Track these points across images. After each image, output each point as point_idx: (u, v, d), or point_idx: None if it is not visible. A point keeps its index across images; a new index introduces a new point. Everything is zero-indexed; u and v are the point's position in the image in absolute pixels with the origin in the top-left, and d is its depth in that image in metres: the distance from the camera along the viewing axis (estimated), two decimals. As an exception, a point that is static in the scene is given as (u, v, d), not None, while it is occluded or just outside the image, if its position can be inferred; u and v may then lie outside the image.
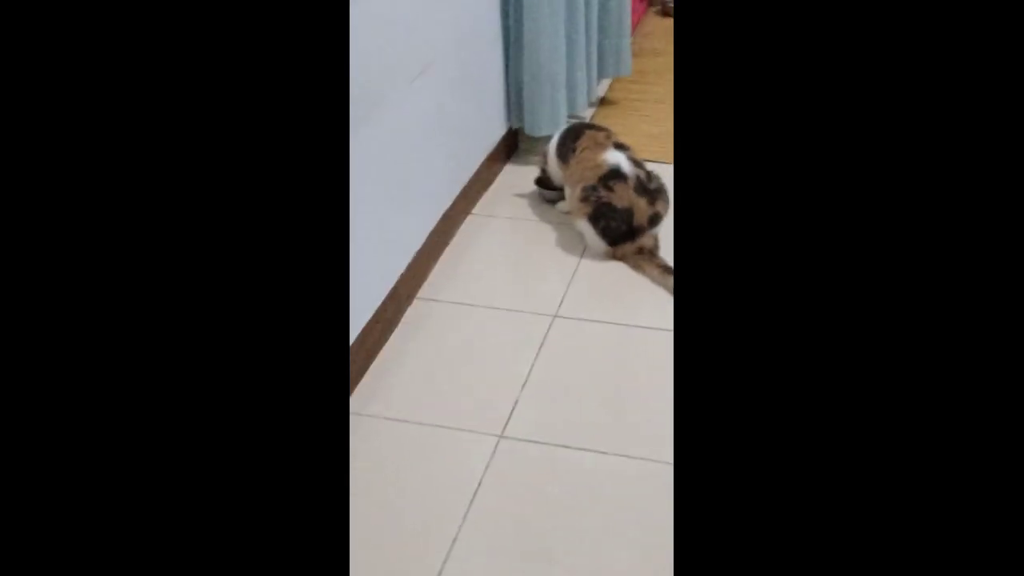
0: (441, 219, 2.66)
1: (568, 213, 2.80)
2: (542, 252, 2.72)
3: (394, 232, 2.36)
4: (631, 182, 2.58)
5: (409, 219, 2.46)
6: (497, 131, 3.10)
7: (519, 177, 3.12)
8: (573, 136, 2.77)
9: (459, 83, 2.70)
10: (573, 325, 2.40)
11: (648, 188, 2.61)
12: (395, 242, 2.38)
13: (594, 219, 2.61)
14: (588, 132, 2.75)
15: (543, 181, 2.97)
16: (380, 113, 2.19)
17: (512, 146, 3.27)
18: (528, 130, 3.12)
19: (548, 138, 2.94)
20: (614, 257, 2.64)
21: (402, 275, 2.41)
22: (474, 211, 2.92)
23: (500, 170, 3.16)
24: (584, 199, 2.62)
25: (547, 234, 2.80)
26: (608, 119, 3.49)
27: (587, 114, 3.38)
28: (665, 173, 2.77)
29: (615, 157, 2.64)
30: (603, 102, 3.64)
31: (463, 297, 2.52)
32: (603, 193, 2.59)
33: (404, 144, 2.36)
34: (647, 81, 3.83)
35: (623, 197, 2.57)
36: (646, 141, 3.31)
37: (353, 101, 1.98)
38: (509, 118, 3.17)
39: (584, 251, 2.69)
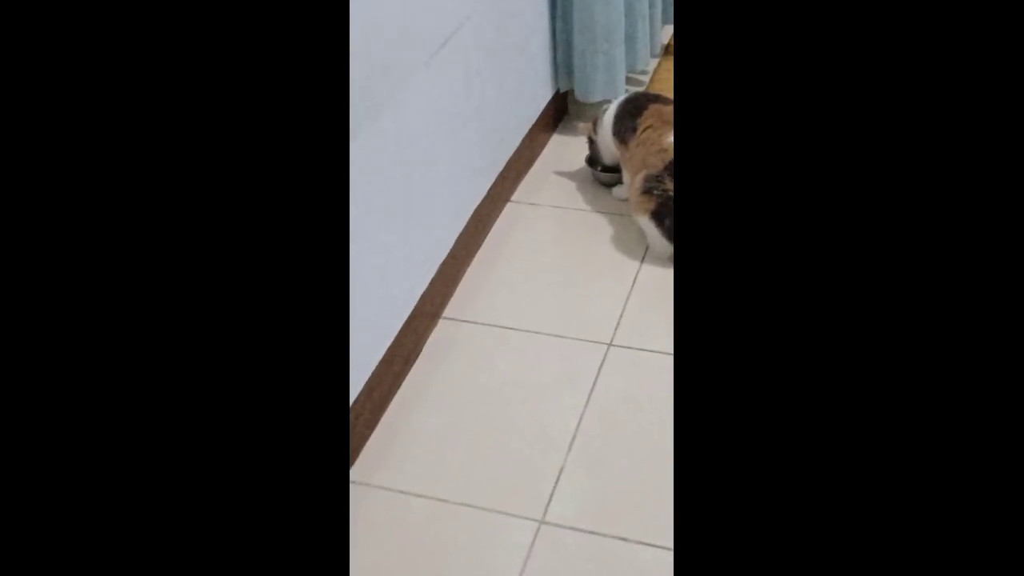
0: (472, 217, 2.20)
1: (626, 201, 2.31)
2: (594, 254, 2.25)
3: (411, 247, 1.91)
4: (705, 171, 2.08)
5: (430, 229, 2.01)
6: (542, 96, 2.60)
7: (568, 150, 2.63)
8: (633, 110, 2.26)
9: (493, 47, 2.20)
10: (632, 358, 1.95)
11: (726, 177, 2.11)
12: (412, 258, 1.93)
13: (658, 217, 2.13)
14: (652, 106, 2.24)
15: (595, 159, 2.48)
16: (390, 104, 1.72)
17: (560, 113, 2.77)
18: (580, 95, 2.62)
19: (601, 105, 2.45)
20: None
21: (423, 294, 1.97)
22: (513, 198, 2.45)
23: (545, 142, 2.67)
24: (647, 191, 2.13)
25: (600, 229, 2.33)
26: (672, 74, 2.97)
27: (649, 67, 2.85)
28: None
29: (685, 139, 2.13)
30: (668, 51, 3.10)
31: (496, 317, 2.07)
32: (669, 185, 2.10)
33: (419, 138, 1.89)
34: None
35: (694, 190, 2.08)
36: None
37: (354, 96, 1.52)
38: (556, 80, 2.67)
39: (646, 253, 2.22)
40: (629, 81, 2.70)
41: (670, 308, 2.04)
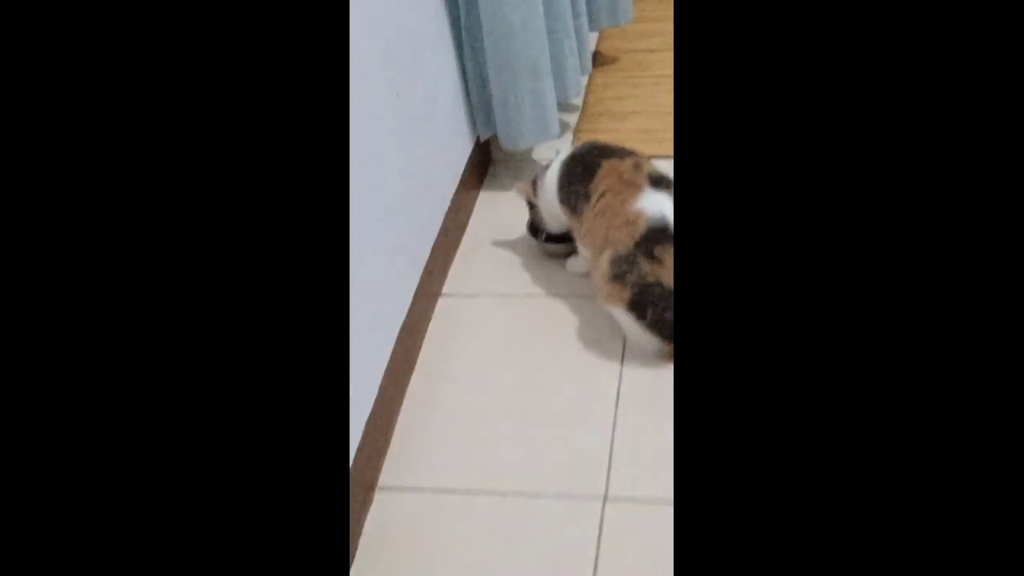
0: (399, 335, 1.69)
1: (586, 276, 1.83)
2: (558, 357, 1.76)
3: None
4: (688, 243, 1.60)
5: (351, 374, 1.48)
6: (460, 152, 2.09)
7: (500, 211, 2.14)
8: (582, 172, 1.77)
9: (391, 105, 1.68)
10: (639, 517, 1.46)
11: (715, 246, 1.62)
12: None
13: (638, 308, 1.64)
14: (606, 164, 1.75)
15: (538, 227, 1.98)
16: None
17: (483, 165, 2.26)
18: (505, 143, 2.12)
19: (532, 151, 1.95)
20: (670, 357, 1.68)
21: (352, 464, 1.46)
22: (445, 290, 1.95)
23: (472, 206, 2.17)
24: (617, 278, 1.64)
25: (560, 320, 1.84)
26: (608, 88, 2.48)
27: (582, 89, 2.36)
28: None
29: (656, 203, 1.65)
30: (595, 59, 2.61)
31: (444, 479, 1.57)
32: (646, 267, 1.61)
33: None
34: (655, 17, 2.78)
35: (671, 267, 1.60)
36: (670, 120, 2.31)
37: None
38: (474, 128, 2.16)
39: (626, 346, 1.74)
40: (561, 108, 2.20)
41: (673, 422, 1.56)
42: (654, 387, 1.66)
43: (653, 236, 1.62)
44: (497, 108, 2.06)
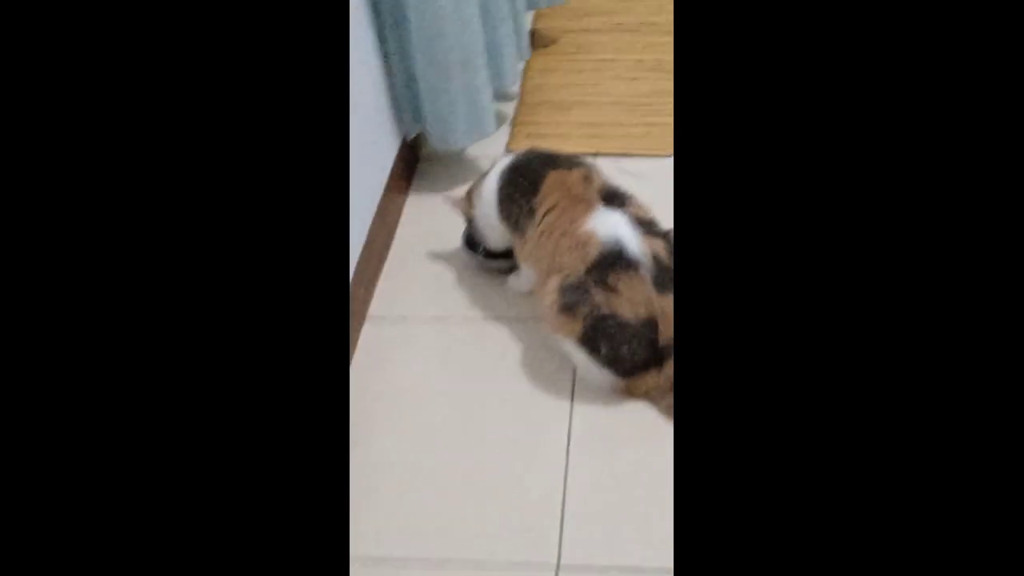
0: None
1: (530, 295, 1.64)
2: (502, 395, 1.57)
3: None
4: (645, 268, 1.42)
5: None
6: (385, 153, 1.87)
7: (430, 215, 1.92)
8: (526, 185, 1.57)
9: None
10: (596, 591, 1.29)
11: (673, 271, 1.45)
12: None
13: (590, 343, 1.46)
14: (551, 175, 1.55)
15: (474, 239, 1.78)
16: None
17: (411, 166, 2.04)
18: (436, 142, 1.90)
19: (464, 155, 1.74)
20: (631, 394, 1.51)
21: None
22: (370, 313, 1.73)
23: (398, 213, 1.95)
24: (567, 308, 1.45)
25: (501, 347, 1.65)
26: (547, 73, 2.27)
27: (517, 69, 2.13)
28: (658, 171, 1.61)
29: (609, 223, 1.46)
30: (531, 40, 2.39)
31: (370, 547, 1.37)
32: (599, 298, 1.43)
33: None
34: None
35: (635, 299, 1.42)
36: (618, 112, 2.11)
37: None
38: (400, 124, 1.93)
39: (576, 381, 1.56)
40: (496, 97, 1.99)
41: (635, 482, 1.39)
42: (609, 428, 1.49)
43: (607, 262, 1.43)
44: (426, 105, 1.84)
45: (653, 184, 1.88)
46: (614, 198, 1.50)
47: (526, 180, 1.56)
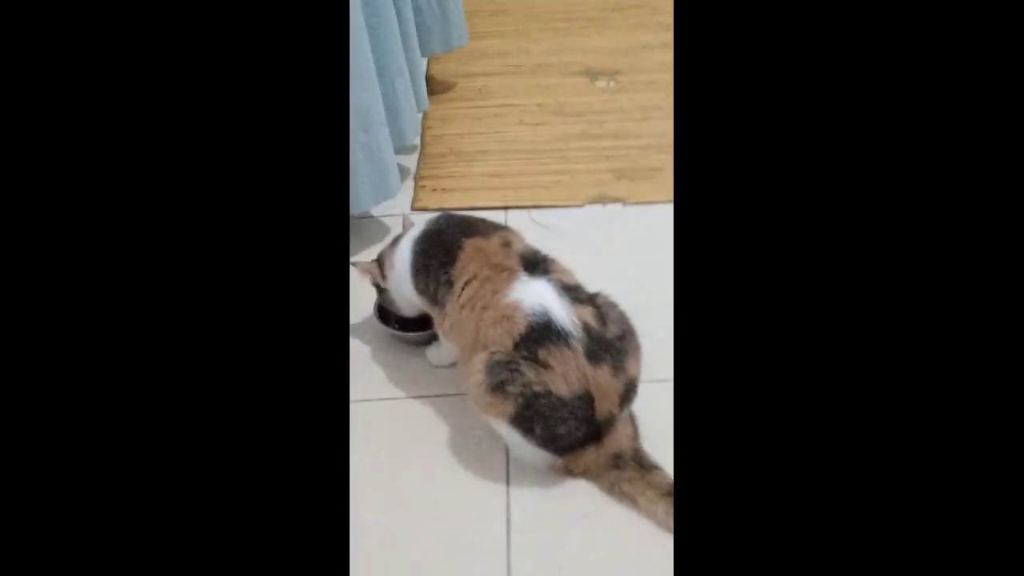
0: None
1: (450, 367, 1.54)
2: (433, 482, 1.45)
3: None
4: (576, 340, 1.33)
5: None
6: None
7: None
8: (441, 255, 1.46)
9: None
10: None
11: (605, 339, 1.37)
12: None
13: (523, 424, 1.36)
14: (468, 244, 1.45)
15: (386, 311, 1.66)
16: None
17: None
18: (338, 207, 1.77)
19: (373, 221, 1.63)
20: (570, 472, 1.42)
21: None
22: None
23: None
24: (496, 389, 1.35)
25: (428, 429, 1.53)
26: (448, 122, 2.18)
27: (417, 121, 2.02)
28: (571, 222, 1.54)
29: (534, 293, 1.37)
30: (428, 87, 2.29)
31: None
32: (530, 374, 1.33)
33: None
34: (488, 32, 2.49)
35: (568, 374, 1.33)
36: (524, 161, 2.03)
37: None
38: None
39: (510, 462, 1.46)
40: (396, 151, 1.88)
41: (579, 554, 1.30)
42: (550, 509, 1.39)
43: (535, 335, 1.34)
44: (325, 168, 1.71)
45: (568, 237, 1.81)
46: (536, 264, 1.41)
47: (441, 250, 1.46)
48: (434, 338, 1.59)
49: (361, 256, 1.84)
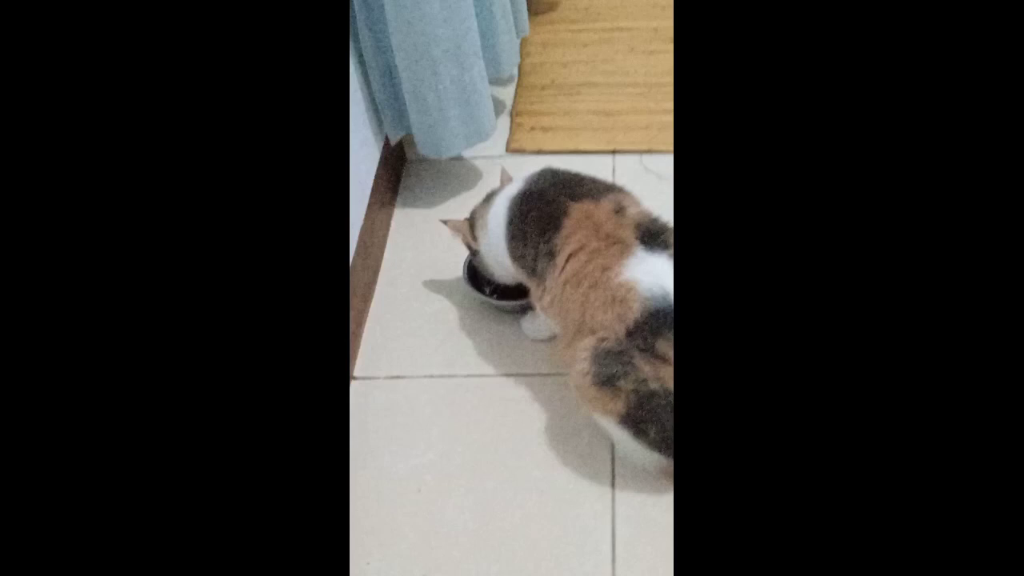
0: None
1: (548, 340, 1.34)
2: (526, 480, 1.27)
3: None
4: (704, 328, 1.10)
5: None
6: (367, 159, 1.53)
7: (420, 235, 1.59)
8: (543, 219, 1.25)
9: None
10: None
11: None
12: None
13: (636, 424, 1.16)
14: (575, 208, 1.23)
15: (478, 273, 1.46)
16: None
17: (396, 172, 1.71)
18: (426, 149, 1.57)
19: (462, 164, 1.43)
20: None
21: None
22: (355, 374, 1.42)
23: (385, 234, 1.62)
24: (605, 383, 1.15)
25: (523, 415, 1.34)
26: (549, 47, 1.93)
27: (516, 49, 1.78)
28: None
29: (654, 272, 1.15)
30: (529, 7, 2.04)
31: None
32: (646, 369, 1.12)
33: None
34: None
35: (692, 368, 1.10)
36: (636, 96, 1.78)
37: None
38: (380, 125, 1.60)
39: (615, 461, 1.27)
40: (492, 84, 1.65)
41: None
42: (661, 520, 1.19)
43: (653, 323, 1.12)
44: (412, 105, 1.50)
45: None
46: (655, 236, 1.18)
47: (543, 215, 1.24)
48: (531, 307, 1.39)
49: (448, 207, 1.64)
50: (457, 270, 1.49)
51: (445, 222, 1.44)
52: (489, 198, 1.36)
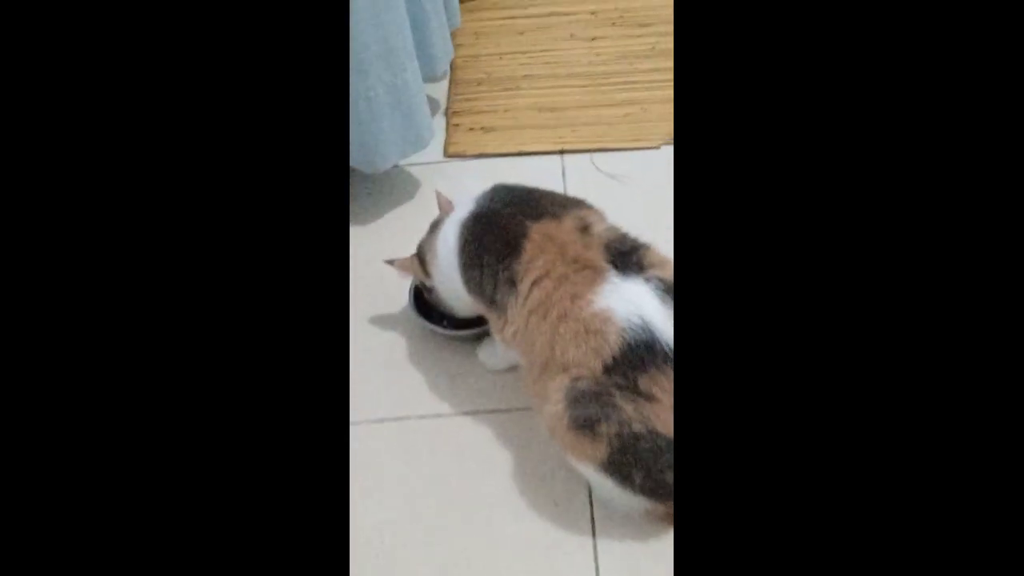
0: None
1: (507, 371, 1.21)
2: (499, 534, 1.14)
3: None
4: (689, 360, 0.98)
5: None
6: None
7: (355, 262, 1.45)
8: (499, 243, 1.11)
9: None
10: None
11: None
12: None
13: (619, 472, 1.04)
14: (535, 228, 1.10)
15: (426, 303, 1.32)
16: None
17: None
18: (362, 164, 1.42)
19: (400, 172, 1.29)
20: (668, 519, 1.10)
21: None
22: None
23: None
24: (583, 426, 1.03)
25: (490, 457, 1.21)
26: (482, 37, 1.79)
27: (448, 43, 1.63)
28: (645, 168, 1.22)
29: (630, 298, 1.03)
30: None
31: None
32: (625, 408, 1.00)
33: None
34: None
35: (672, 406, 1.00)
36: (581, 89, 1.65)
37: None
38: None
39: (594, 504, 1.15)
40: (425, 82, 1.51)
41: None
42: (648, 571, 1.08)
43: (634, 357, 1.00)
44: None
45: (642, 189, 1.45)
46: (627, 256, 1.06)
47: (499, 239, 1.10)
48: (485, 332, 1.25)
49: (385, 222, 1.49)
50: (402, 300, 1.35)
51: (391, 262, 1.30)
52: (435, 226, 1.22)
